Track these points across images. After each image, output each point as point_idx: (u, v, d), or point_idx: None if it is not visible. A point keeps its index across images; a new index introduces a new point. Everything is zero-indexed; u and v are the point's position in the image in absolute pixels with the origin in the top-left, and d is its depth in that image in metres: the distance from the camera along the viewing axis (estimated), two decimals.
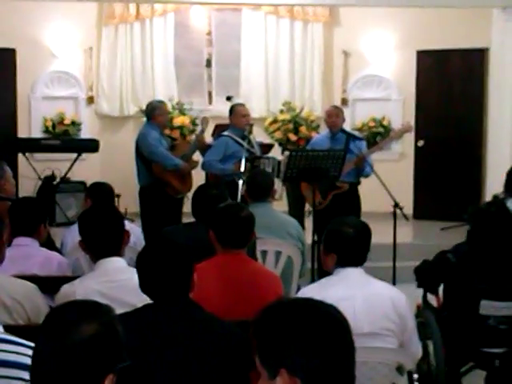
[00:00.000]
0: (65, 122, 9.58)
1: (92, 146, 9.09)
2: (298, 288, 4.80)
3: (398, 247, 6.26)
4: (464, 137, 9.53)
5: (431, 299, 4.50)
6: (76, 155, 8.99)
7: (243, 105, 7.40)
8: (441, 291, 4.36)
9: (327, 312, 1.74)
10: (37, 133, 9.49)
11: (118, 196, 6.47)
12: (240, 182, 6.38)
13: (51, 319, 1.86)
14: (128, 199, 7.87)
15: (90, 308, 1.87)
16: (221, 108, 9.12)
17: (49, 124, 9.55)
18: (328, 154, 6.27)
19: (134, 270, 3.42)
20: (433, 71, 9.65)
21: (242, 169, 6.51)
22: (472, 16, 9.02)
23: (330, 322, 1.71)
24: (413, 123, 8.20)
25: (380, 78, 10.07)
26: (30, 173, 8.85)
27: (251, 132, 7.19)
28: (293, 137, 9.67)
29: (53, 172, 9.11)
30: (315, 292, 3.10)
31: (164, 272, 2.67)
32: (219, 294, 3.33)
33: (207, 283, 2.82)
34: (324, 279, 3.44)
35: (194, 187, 5.00)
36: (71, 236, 4.66)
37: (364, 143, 7.20)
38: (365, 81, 10.12)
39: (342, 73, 10.13)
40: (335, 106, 7.54)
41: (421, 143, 9.64)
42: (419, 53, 9.63)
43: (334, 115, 7.06)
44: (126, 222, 3.67)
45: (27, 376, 1.95)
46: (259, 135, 8.66)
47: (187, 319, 2.64)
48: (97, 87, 9.99)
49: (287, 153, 6.29)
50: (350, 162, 6.69)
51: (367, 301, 3.22)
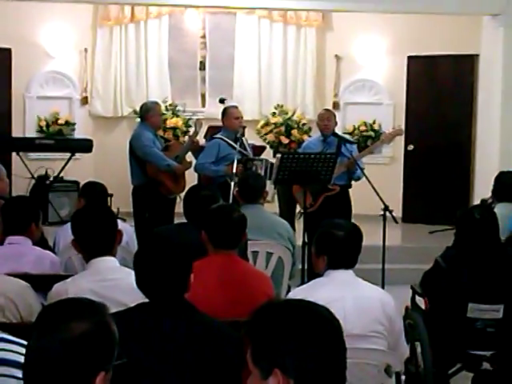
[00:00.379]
0: (59, 122, 9.61)
1: (86, 146, 9.12)
2: (289, 289, 4.85)
3: (388, 250, 6.29)
4: (453, 141, 9.59)
5: (419, 301, 4.56)
6: (70, 155, 9.02)
7: (236, 107, 7.42)
8: None
9: (320, 313, 1.76)
10: (31, 132, 9.50)
11: (111, 196, 6.49)
12: (232, 184, 6.42)
13: (44, 316, 1.86)
14: (120, 199, 7.90)
15: (83, 306, 1.86)
16: (214, 110, 9.15)
17: (43, 124, 9.57)
18: (320, 157, 6.29)
19: (127, 270, 3.46)
20: (423, 76, 9.71)
21: (235, 170, 6.56)
22: (462, 22, 9.08)
23: (323, 323, 1.73)
24: (403, 127, 8.25)
25: (371, 83, 10.12)
26: (24, 172, 8.85)
27: (243, 134, 7.24)
28: (285, 140, 9.73)
29: (46, 171, 9.12)
30: (306, 293, 3.10)
31: (162, 271, 2.68)
32: (210, 294, 3.34)
33: (198, 283, 2.86)
34: (314, 281, 3.46)
35: (187, 188, 5.04)
36: (64, 235, 4.65)
37: (355, 147, 7.25)
38: (356, 85, 10.18)
39: (334, 77, 10.18)
40: (328, 110, 7.58)
41: (411, 147, 9.70)
42: (410, 58, 9.68)
43: (326, 118, 7.10)
44: (119, 222, 3.67)
45: (20, 374, 1.95)
46: (251, 138, 8.69)
47: (181, 319, 2.64)
48: (91, 88, 10.02)
49: (279, 155, 6.31)
50: (342, 165, 6.73)
51: (357, 303, 3.24)
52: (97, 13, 10.01)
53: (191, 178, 7.33)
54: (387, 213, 6.10)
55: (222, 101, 7.70)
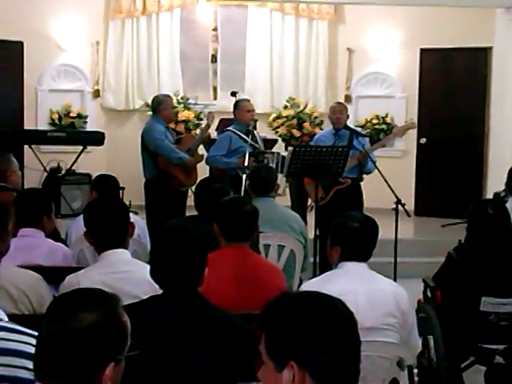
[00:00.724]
0: (71, 115, 9.63)
1: (97, 139, 9.13)
2: (300, 282, 4.84)
3: (400, 243, 6.28)
4: (466, 135, 9.55)
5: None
6: (81, 148, 9.04)
7: (248, 100, 7.42)
8: None
9: (335, 306, 1.76)
10: (43, 125, 9.52)
11: (123, 189, 6.49)
12: (244, 177, 6.42)
13: (54, 305, 1.87)
14: (132, 192, 7.90)
15: (94, 296, 1.86)
16: (225, 103, 9.15)
17: (55, 116, 9.60)
18: (331, 150, 6.28)
19: (139, 262, 3.48)
20: (436, 69, 9.67)
21: (246, 163, 6.55)
22: (475, 15, 9.04)
23: (339, 316, 1.73)
24: (416, 121, 8.22)
25: (384, 76, 10.08)
26: (36, 164, 8.88)
27: (255, 127, 7.23)
28: (296, 133, 9.72)
29: (58, 164, 9.15)
30: (319, 285, 3.12)
31: (179, 263, 2.69)
32: (223, 287, 3.34)
33: (211, 276, 2.86)
34: (327, 273, 3.46)
35: (199, 181, 5.04)
36: (76, 227, 4.66)
37: (367, 140, 7.22)
38: (369, 78, 10.14)
39: (346, 70, 10.15)
40: (339, 103, 7.56)
41: (423, 141, 9.67)
42: (423, 51, 9.64)
43: (338, 111, 7.08)
44: (131, 215, 3.67)
45: (31, 365, 1.96)
46: (263, 131, 8.69)
47: (194, 312, 2.65)
48: (103, 81, 10.03)
49: (291, 148, 6.30)
50: (353, 159, 6.72)
51: (370, 296, 3.23)
52: (108, 5, 10.03)
53: (203, 171, 7.33)
54: (399, 206, 6.09)
55: (234, 94, 7.69)
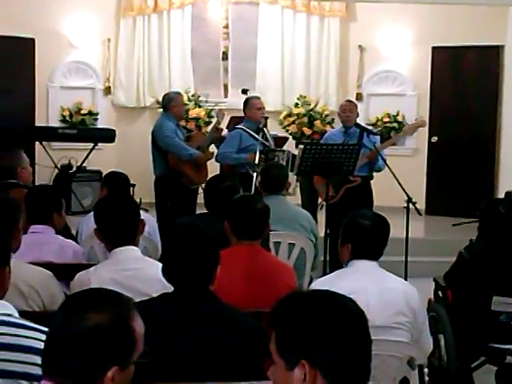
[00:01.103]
0: (82, 112, 9.66)
1: (108, 136, 9.15)
2: (311, 280, 4.82)
3: (411, 242, 6.26)
4: (478, 133, 9.52)
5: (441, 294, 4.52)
6: (92, 145, 9.06)
7: (258, 98, 7.40)
8: None
9: (346, 304, 1.76)
10: (54, 122, 9.56)
11: (133, 186, 6.51)
12: (254, 175, 6.41)
13: (65, 304, 1.87)
14: (143, 189, 7.91)
15: (107, 298, 1.86)
16: (236, 101, 9.14)
17: (66, 113, 9.62)
18: (343, 148, 6.28)
19: (149, 260, 3.48)
20: (448, 67, 9.63)
21: (257, 161, 6.54)
22: (488, 13, 9.00)
23: (349, 315, 1.73)
24: (427, 119, 8.19)
25: (395, 74, 10.06)
26: (47, 161, 8.91)
27: (266, 125, 7.21)
28: (307, 131, 9.71)
29: (69, 161, 9.19)
30: (329, 283, 3.11)
31: (190, 260, 2.68)
32: (234, 285, 3.33)
33: (223, 274, 2.86)
34: (338, 271, 3.45)
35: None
36: (86, 224, 4.68)
37: (378, 138, 7.20)
38: (380, 76, 10.12)
39: (358, 68, 10.13)
40: (350, 101, 7.53)
41: (434, 139, 9.63)
42: (434, 49, 9.61)
43: (348, 110, 7.07)
44: (141, 212, 3.67)
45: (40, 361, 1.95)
46: (274, 128, 8.69)
47: (205, 310, 2.65)
48: (114, 78, 10.05)
49: (301, 146, 6.30)
50: (363, 157, 6.71)
51: (381, 294, 3.22)
52: (120, 3, 10.04)
53: (213, 169, 7.33)
54: (410, 205, 6.07)
55: (245, 91, 7.68)
